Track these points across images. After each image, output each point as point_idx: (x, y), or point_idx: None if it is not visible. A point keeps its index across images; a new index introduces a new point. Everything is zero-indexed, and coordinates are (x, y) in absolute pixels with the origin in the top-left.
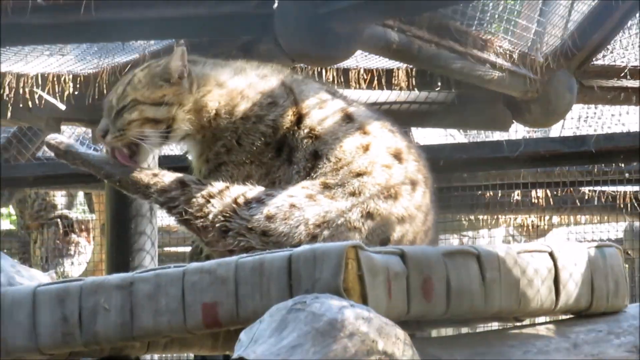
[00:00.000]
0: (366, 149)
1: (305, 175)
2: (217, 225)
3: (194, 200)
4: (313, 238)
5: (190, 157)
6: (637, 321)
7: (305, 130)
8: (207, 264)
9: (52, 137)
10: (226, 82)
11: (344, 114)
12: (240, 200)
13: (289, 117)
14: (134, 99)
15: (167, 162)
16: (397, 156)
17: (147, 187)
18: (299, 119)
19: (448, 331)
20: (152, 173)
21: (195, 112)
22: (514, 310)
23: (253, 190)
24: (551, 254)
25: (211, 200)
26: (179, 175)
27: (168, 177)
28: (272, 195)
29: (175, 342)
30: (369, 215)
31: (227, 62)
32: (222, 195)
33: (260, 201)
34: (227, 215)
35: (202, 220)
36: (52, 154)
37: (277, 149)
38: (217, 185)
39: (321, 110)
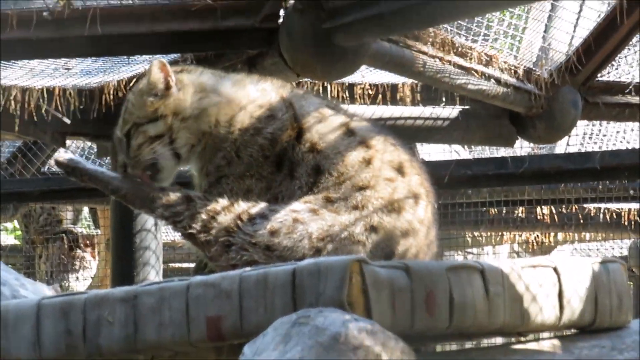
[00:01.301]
0: (368, 162)
1: (308, 190)
2: (221, 239)
3: (198, 215)
4: (317, 252)
5: (193, 172)
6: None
7: (307, 145)
8: (212, 277)
9: (60, 155)
10: (224, 92)
11: (345, 129)
12: (244, 217)
13: (288, 132)
14: (133, 124)
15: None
16: (400, 170)
17: (153, 201)
18: (300, 133)
19: (452, 346)
20: (158, 188)
21: (194, 119)
22: (517, 325)
23: (257, 207)
24: (555, 269)
25: (216, 216)
26: (185, 190)
27: (173, 192)
28: (275, 210)
29: (179, 356)
30: (372, 229)
31: (227, 74)
32: (227, 211)
33: (263, 216)
34: (231, 230)
35: (205, 234)
36: (59, 170)
37: (278, 163)
38: (222, 202)
39: (322, 124)
